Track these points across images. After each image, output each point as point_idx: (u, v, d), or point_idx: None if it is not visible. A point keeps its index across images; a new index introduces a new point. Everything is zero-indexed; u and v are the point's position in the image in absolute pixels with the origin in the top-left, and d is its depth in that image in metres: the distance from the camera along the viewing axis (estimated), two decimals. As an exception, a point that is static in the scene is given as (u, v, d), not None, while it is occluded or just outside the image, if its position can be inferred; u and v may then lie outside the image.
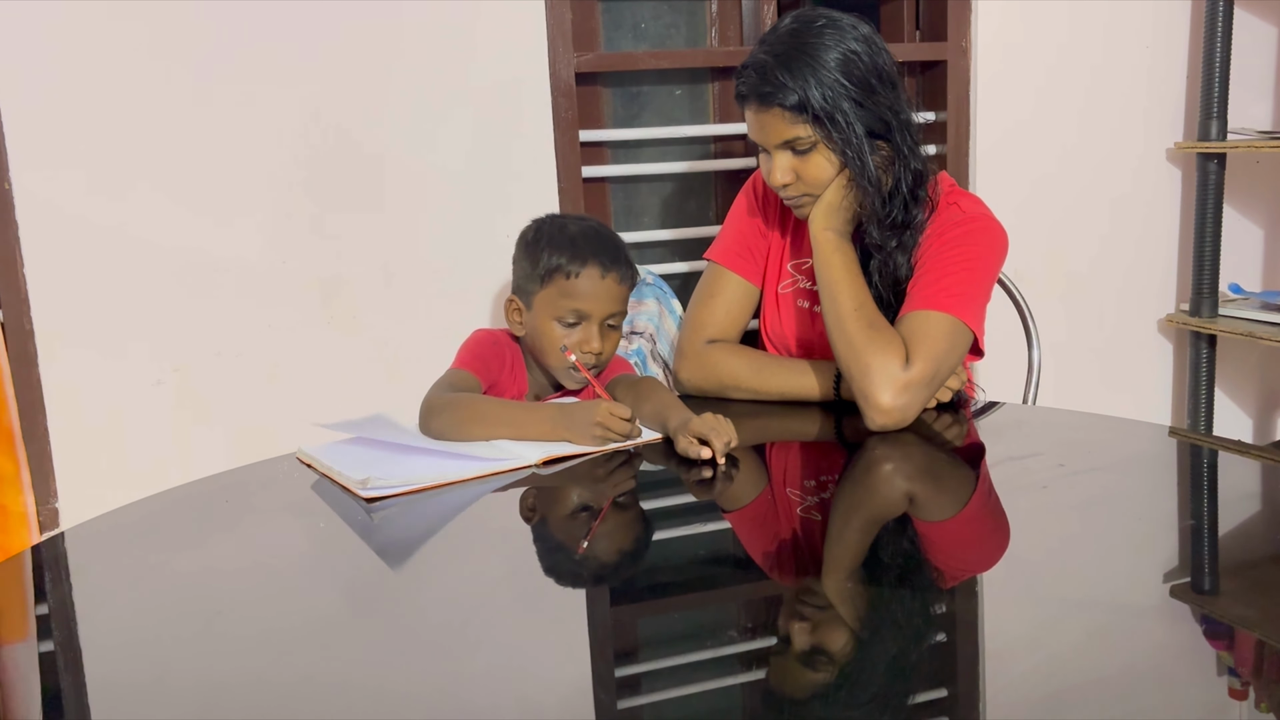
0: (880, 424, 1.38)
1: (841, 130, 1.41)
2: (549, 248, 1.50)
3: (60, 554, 1.16)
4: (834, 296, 1.44)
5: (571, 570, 1.09)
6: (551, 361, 1.52)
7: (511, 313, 1.56)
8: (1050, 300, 2.26)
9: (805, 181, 1.46)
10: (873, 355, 1.38)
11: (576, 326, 1.50)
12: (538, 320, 1.51)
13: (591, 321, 1.50)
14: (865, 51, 1.41)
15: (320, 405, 1.94)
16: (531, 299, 1.52)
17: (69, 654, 0.95)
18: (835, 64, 1.40)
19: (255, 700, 0.83)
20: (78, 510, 1.86)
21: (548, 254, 1.50)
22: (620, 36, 2.20)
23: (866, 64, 1.41)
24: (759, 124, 1.45)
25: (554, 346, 1.50)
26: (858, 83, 1.41)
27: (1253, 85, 2.42)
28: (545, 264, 1.50)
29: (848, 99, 1.40)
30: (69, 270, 1.83)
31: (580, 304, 1.49)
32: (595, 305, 1.49)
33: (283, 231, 1.92)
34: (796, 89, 1.39)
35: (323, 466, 1.33)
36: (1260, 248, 2.54)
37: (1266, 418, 2.62)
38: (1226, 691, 0.82)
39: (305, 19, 1.87)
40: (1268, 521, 1.18)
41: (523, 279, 1.54)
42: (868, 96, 1.41)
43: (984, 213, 1.52)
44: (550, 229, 1.53)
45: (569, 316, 1.49)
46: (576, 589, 1.05)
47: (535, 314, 1.52)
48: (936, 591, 1.02)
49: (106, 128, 1.82)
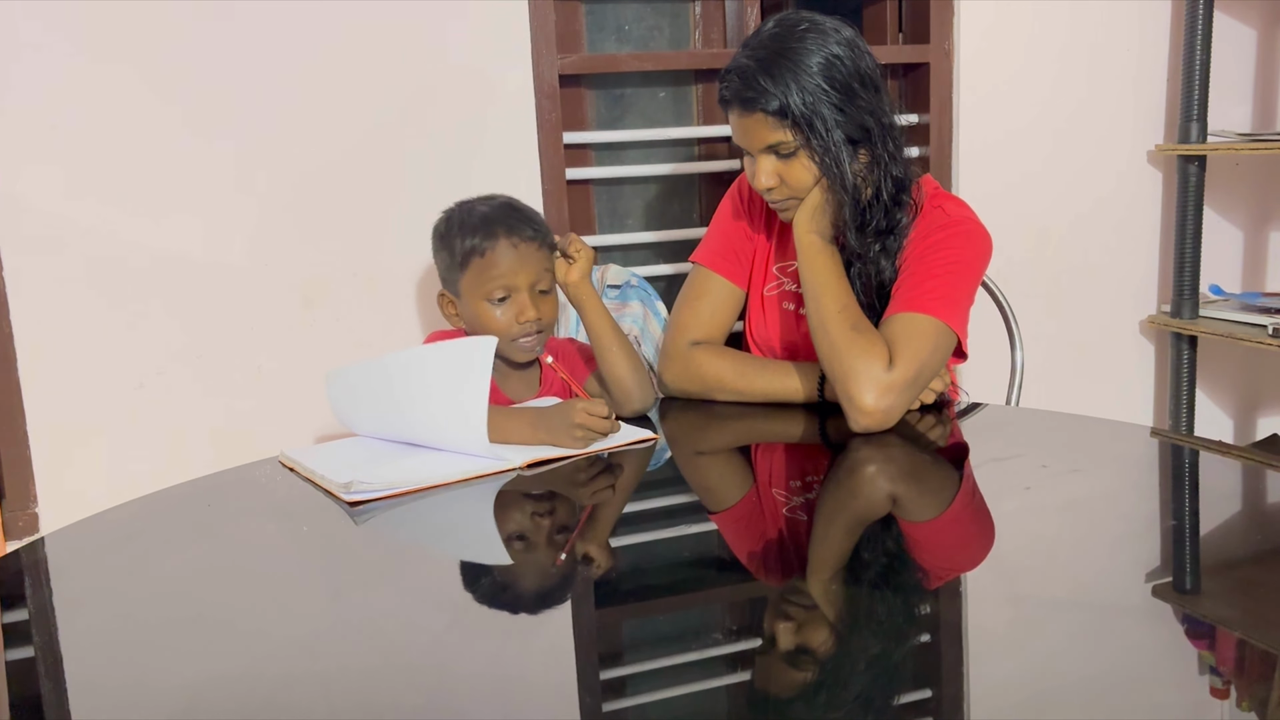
0: (864, 425, 1.38)
1: (820, 137, 1.41)
2: (460, 233, 1.50)
3: (40, 559, 1.15)
4: (817, 299, 1.45)
5: (556, 573, 1.09)
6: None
7: (445, 306, 1.57)
8: (1033, 301, 2.27)
9: (789, 185, 1.46)
10: (856, 358, 1.38)
11: (507, 301, 1.49)
12: (470, 306, 1.51)
13: (520, 291, 1.49)
14: (848, 55, 1.41)
15: (303, 408, 1.93)
16: (458, 287, 1.52)
17: (49, 658, 0.94)
18: (817, 68, 1.40)
19: (237, 704, 0.83)
20: (58, 515, 1.85)
21: (460, 239, 1.50)
22: (604, 38, 2.20)
23: (849, 68, 1.41)
24: (742, 128, 1.45)
25: (491, 325, 1.49)
26: (839, 87, 1.40)
27: (1233, 88, 2.43)
28: (460, 249, 1.50)
29: (828, 104, 1.40)
30: (49, 272, 1.82)
31: (503, 279, 1.48)
32: (517, 276, 1.49)
33: (264, 234, 1.91)
34: (778, 94, 1.39)
35: (305, 470, 1.33)
36: (1240, 249, 2.55)
37: (1247, 418, 2.64)
38: (1208, 690, 0.82)
39: (286, 21, 1.86)
40: (1248, 521, 1.19)
41: (445, 270, 1.54)
42: (849, 101, 1.41)
43: (968, 215, 1.53)
44: (458, 215, 1.53)
45: (497, 293, 1.49)
46: (561, 591, 1.05)
47: (465, 301, 1.52)
48: (920, 592, 1.03)
49: (86, 128, 1.80)
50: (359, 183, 1.95)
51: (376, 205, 1.96)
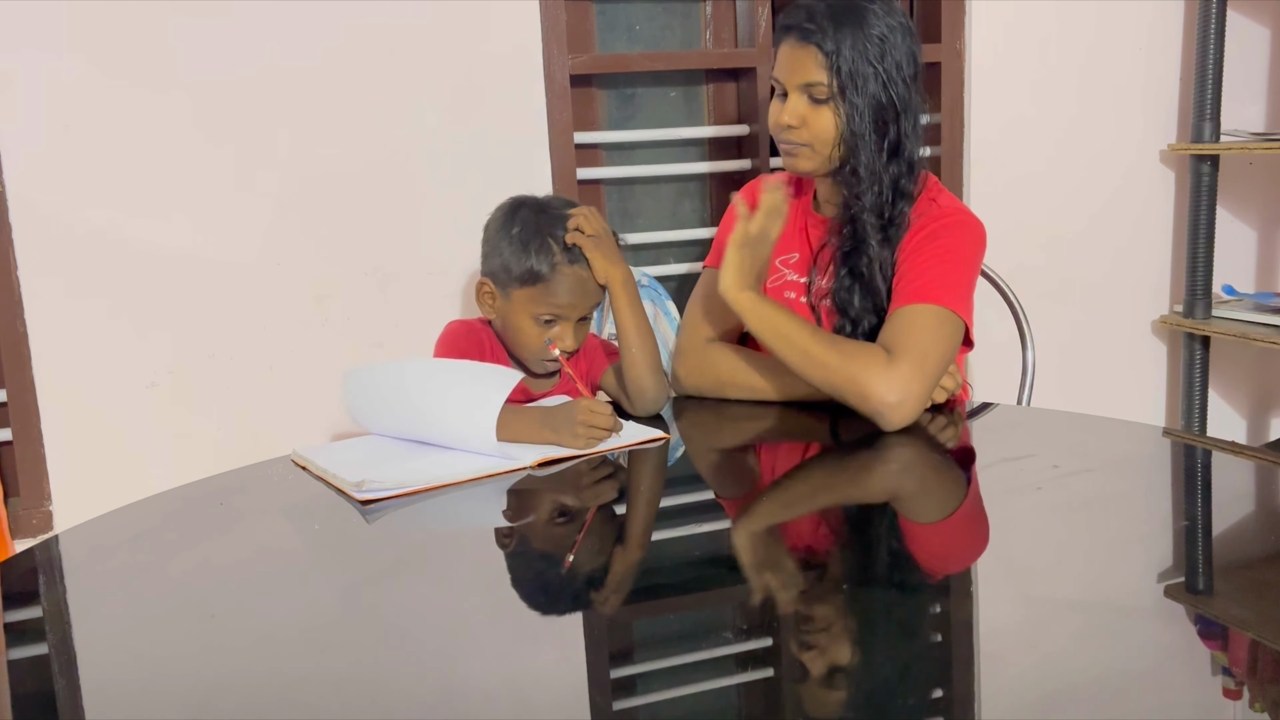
0: (893, 421, 1.37)
1: (857, 94, 1.44)
2: (534, 249, 1.49)
3: (54, 556, 1.16)
4: (786, 339, 1.43)
5: (567, 572, 1.09)
6: (523, 353, 1.55)
7: (484, 296, 1.56)
8: (1045, 301, 2.27)
9: (809, 129, 1.48)
10: (850, 364, 1.38)
11: (551, 323, 1.51)
12: (513, 314, 1.52)
13: (568, 320, 1.51)
14: (905, 41, 1.46)
15: (315, 406, 1.94)
16: (509, 291, 1.52)
17: (63, 656, 0.94)
18: (878, 36, 1.44)
19: (250, 703, 0.83)
20: (72, 513, 1.86)
21: (532, 255, 1.49)
22: (615, 38, 2.20)
23: (903, 52, 1.46)
24: (790, 58, 1.48)
25: (527, 341, 1.52)
26: (890, 63, 1.45)
27: (1246, 87, 2.42)
28: (527, 264, 1.49)
29: (875, 74, 1.44)
30: (63, 273, 1.83)
31: (558, 309, 1.50)
32: (573, 310, 1.51)
33: (276, 233, 1.92)
34: (835, 40, 1.44)
35: (317, 469, 1.33)
36: (1253, 249, 2.54)
37: (1260, 419, 2.63)
38: (1221, 691, 0.82)
39: (299, 20, 1.87)
40: (1262, 522, 1.18)
41: (499, 267, 1.52)
42: (892, 80, 1.45)
43: (960, 207, 1.55)
44: (533, 223, 1.51)
45: (545, 316, 1.50)
46: (571, 590, 1.05)
47: (511, 306, 1.52)
48: (931, 592, 1.02)
49: (99, 130, 1.81)
50: (369, 182, 1.95)
51: (387, 204, 1.96)
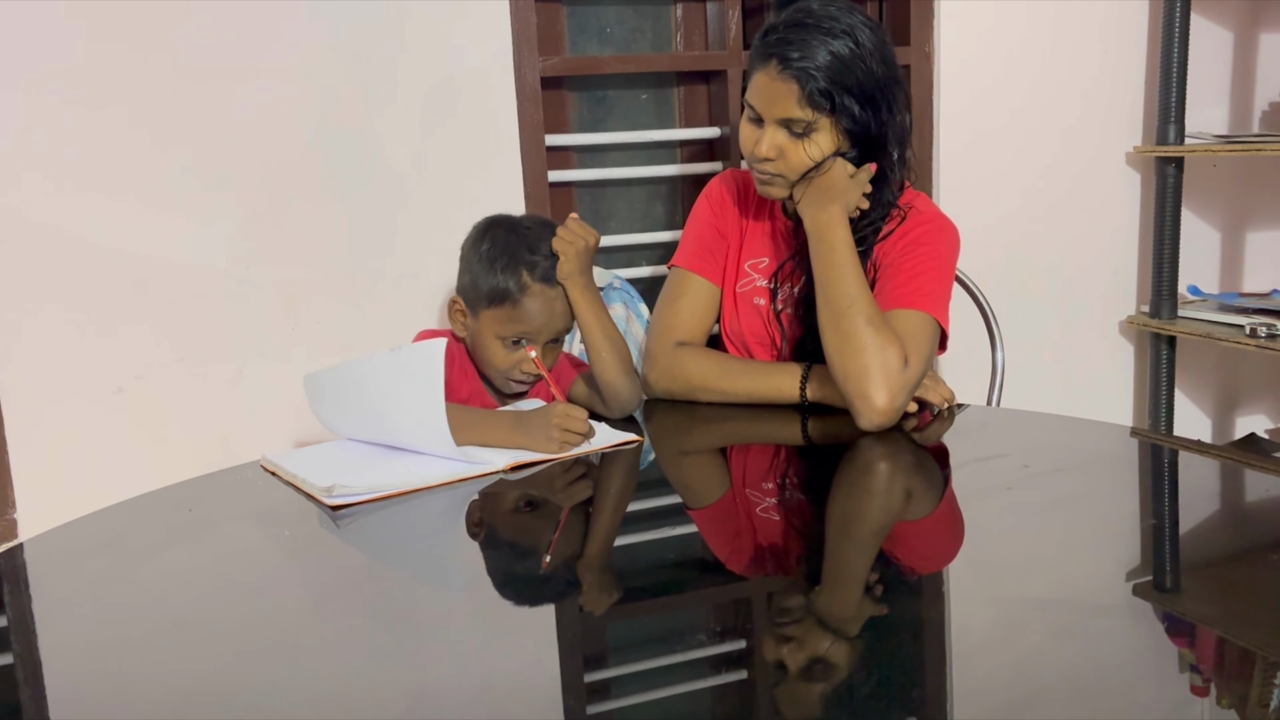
0: (876, 424, 1.37)
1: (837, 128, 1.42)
2: (502, 270, 1.48)
3: (20, 565, 1.14)
4: (828, 286, 1.40)
5: (539, 575, 1.09)
6: (491, 373, 1.54)
7: (455, 314, 1.56)
8: (1013, 302, 2.28)
9: (785, 162, 1.45)
10: (873, 355, 1.37)
11: (519, 344, 1.51)
12: (482, 334, 1.52)
13: (536, 343, 1.51)
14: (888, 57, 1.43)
15: (284, 411, 1.92)
16: (478, 311, 1.52)
17: (28, 665, 0.93)
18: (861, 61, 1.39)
19: (220, 709, 0.83)
20: (37, 521, 1.83)
21: (499, 274, 1.48)
22: (586, 41, 2.20)
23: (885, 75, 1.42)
24: (769, 90, 1.42)
25: (495, 360, 1.51)
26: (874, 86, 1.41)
27: (1210, 89, 2.45)
28: (494, 284, 1.48)
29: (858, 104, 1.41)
30: (28, 276, 1.80)
31: (526, 331, 1.50)
32: (541, 332, 1.50)
33: (245, 237, 1.90)
34: (815, 74, 1.38)
35: (287, 474, 1.32)
36: (1217, 250, 2.57)
37: (1225, 417, 2.66)
38: (1189, 688, 0.83)
39: (266, 24, 1.85)
40: (1227, 520, 1.20)
41: (469, 287, 1.52)
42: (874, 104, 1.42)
43: (937, 212, 1.56)
44: (504, 242, 1.50)
45: (513, 338, 1.50)
46: (544, 594, 1.05)
47: (480, 326, 1.52)
48: (903, 592, 1.03)
49: (65, 132, 1.79)
50: (340, 186, 1.94)
51: (358, 208, 1.95)
